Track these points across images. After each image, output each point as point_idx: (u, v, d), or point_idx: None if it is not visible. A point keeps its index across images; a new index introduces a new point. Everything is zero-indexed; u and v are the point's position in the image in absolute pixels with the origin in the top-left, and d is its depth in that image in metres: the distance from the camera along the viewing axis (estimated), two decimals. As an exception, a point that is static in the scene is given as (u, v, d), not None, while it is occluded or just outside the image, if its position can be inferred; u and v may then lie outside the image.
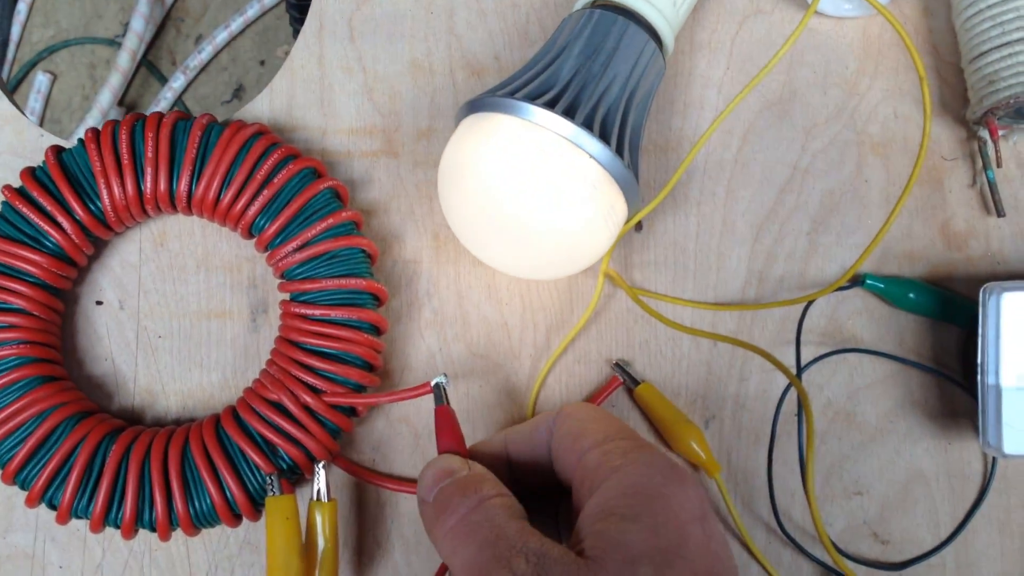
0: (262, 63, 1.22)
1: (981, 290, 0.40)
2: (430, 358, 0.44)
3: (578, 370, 0.44)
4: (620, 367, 0.43)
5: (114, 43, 1.22)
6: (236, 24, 1.21)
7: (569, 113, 0.37)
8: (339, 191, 0.42)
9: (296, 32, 0.75)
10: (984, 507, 0.42)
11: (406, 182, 0.45)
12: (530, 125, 0.37)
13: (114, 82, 1.18)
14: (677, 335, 0.44)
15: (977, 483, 0.43)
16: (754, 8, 0.47)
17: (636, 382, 0.43)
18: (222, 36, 1.20)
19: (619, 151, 0.38)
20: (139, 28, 1.19)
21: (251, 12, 1.21)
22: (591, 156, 0.37)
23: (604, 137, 0.38)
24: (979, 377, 0.40)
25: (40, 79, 1.18)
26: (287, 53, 0.53)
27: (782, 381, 0.43)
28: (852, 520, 0.43)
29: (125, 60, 1.18)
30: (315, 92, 0.46)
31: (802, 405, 0.41)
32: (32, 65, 1.19)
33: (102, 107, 1.14)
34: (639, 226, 0.45)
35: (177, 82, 1.18)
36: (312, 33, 0.46)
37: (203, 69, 1.22)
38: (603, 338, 0.44)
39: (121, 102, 1.17)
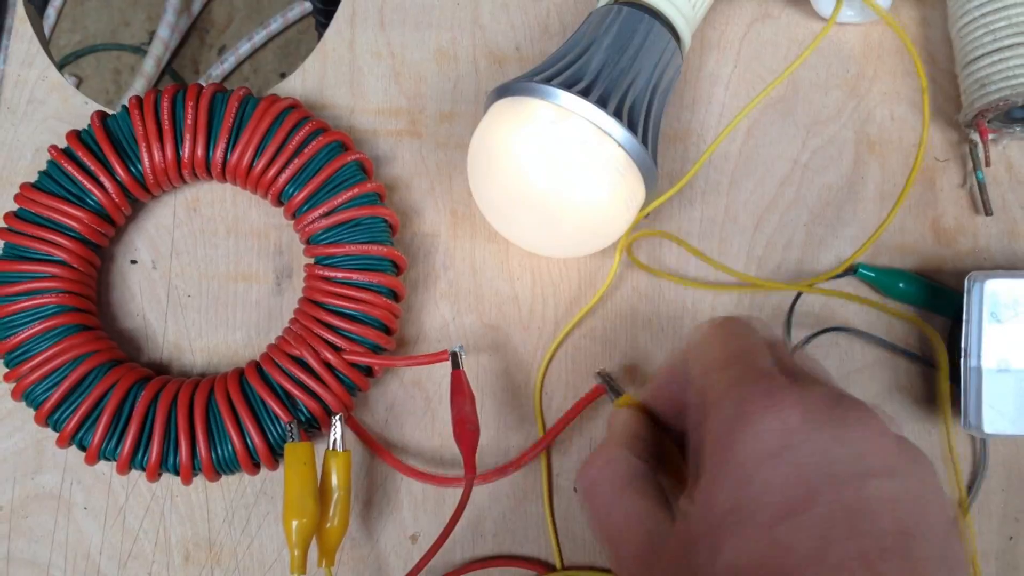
0: (282, 75, 1.25)
1: (967, 277, 0.42)
2: (444, 327, 0.46)
3: (584, 344, 0.46)
4: (603, 376, 0.43)
5: (139, 50, 1.26)
6: (259, 37, 1.24)
7: (600, 102, 0.40)
8: (365, 164, 0.45)
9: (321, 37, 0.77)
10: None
11: (428, 161, 0.47)
12: (564, 112, 0.39)
13: (138, 87, 1.21)
14: (678, 317, 0.46)
15: (961, 466, 0.45)
16: (763, 12, 0.49)
17: (618, 393, 0.42)
18: (245, 48, 1.24)
19: (643, 141, 0.41)
20: (165, 36, 1.23)
21: (274, 26, 1.25)
22: (619, 144, 0.39)
23: (631, 127, 0.40)
24: (962, 360, 0.42)
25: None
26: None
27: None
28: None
29: (150, 66, 1.22)
30: (345, 74, 0.48)
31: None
32: (59, 68, 1.23)
33: (125, 110, 1.17)
34: (647, 213, 0.47)
35: (199, 89, 1.22)
36: (344, 20, 0.49)
37: (225, 79, 1.26)
38: (608, 315, 0.46)
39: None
